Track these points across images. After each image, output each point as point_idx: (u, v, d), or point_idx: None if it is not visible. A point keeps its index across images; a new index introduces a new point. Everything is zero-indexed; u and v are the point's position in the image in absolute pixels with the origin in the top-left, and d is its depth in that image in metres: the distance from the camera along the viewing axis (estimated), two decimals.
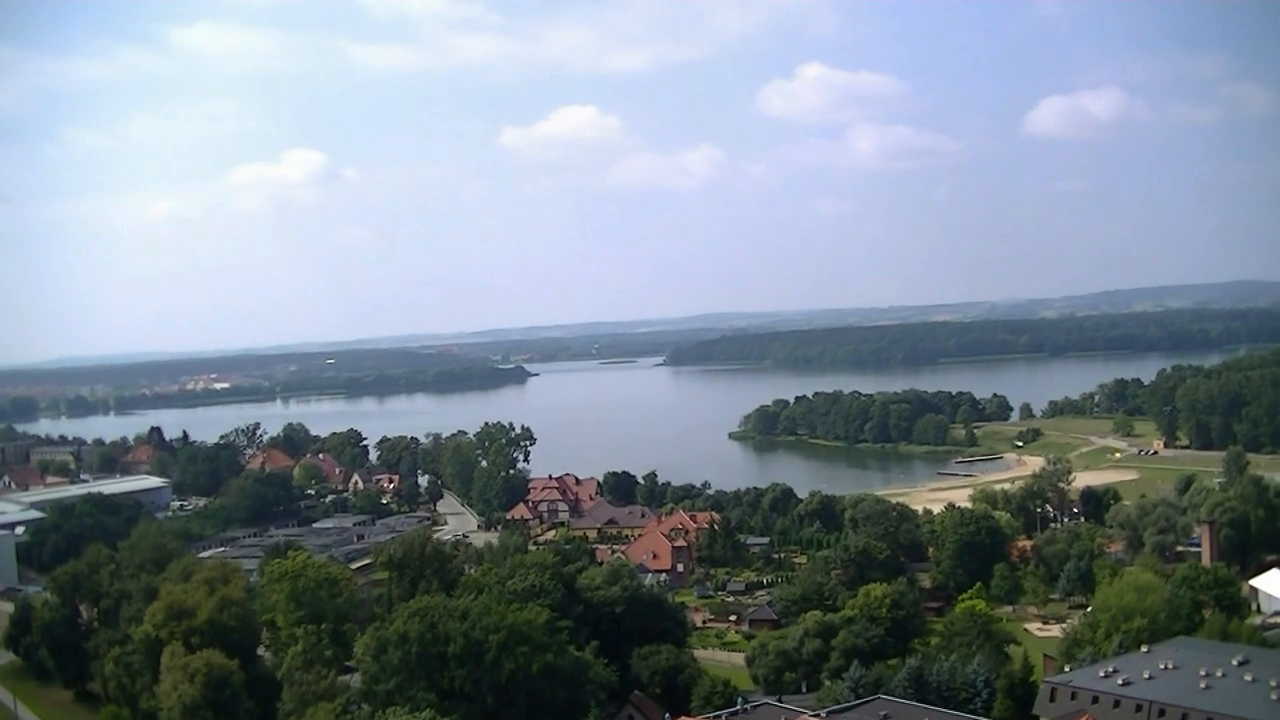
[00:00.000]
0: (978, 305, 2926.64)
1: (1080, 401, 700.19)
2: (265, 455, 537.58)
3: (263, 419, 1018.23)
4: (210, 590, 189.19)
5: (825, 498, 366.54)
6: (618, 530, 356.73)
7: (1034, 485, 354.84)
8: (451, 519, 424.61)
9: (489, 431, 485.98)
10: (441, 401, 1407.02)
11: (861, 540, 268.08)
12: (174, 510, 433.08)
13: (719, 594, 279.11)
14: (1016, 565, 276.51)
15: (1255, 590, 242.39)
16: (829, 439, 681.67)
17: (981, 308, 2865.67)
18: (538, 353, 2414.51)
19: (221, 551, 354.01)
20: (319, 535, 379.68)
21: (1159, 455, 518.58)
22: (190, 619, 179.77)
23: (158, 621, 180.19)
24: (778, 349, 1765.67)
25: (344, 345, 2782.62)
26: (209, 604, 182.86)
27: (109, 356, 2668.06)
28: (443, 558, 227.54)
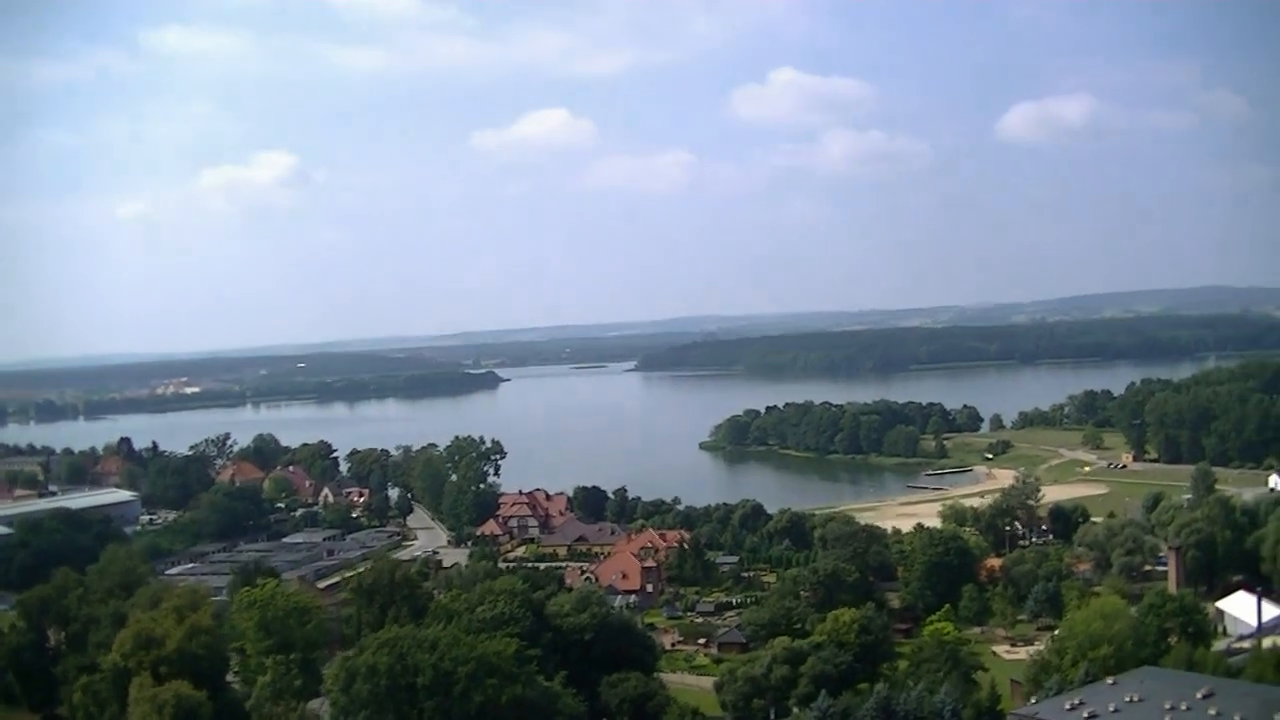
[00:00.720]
0: (949, 309, 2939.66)
1: (1050, 413, 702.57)
2: (235, 467, 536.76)
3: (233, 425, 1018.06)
4: (179, 619, 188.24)
5: (795, 515, 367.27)
6: (587, 548, 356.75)
7: (1003, 503, 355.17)
8: (422, 534, 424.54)
9: (459, 445, 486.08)
10: (412, 407, 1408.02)
11: (830, 563, 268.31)
12: (143, 525, 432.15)
13: (688, 615, 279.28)
14: (985, 586, 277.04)
15: (1221, 612, 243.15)
16: (800, 450, 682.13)
17: (952, 312, 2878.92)
18: (509, 357, 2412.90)
19: (191, 568, 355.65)
20: (289, 551, 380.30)
21: (1128, 469, 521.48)
22: (159, 648, 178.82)
23: (126, 651, 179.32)
24: (749, 355, 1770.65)
25: (315, 348, 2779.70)
26: (178, 633, 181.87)
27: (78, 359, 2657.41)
28: (412, 584, 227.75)
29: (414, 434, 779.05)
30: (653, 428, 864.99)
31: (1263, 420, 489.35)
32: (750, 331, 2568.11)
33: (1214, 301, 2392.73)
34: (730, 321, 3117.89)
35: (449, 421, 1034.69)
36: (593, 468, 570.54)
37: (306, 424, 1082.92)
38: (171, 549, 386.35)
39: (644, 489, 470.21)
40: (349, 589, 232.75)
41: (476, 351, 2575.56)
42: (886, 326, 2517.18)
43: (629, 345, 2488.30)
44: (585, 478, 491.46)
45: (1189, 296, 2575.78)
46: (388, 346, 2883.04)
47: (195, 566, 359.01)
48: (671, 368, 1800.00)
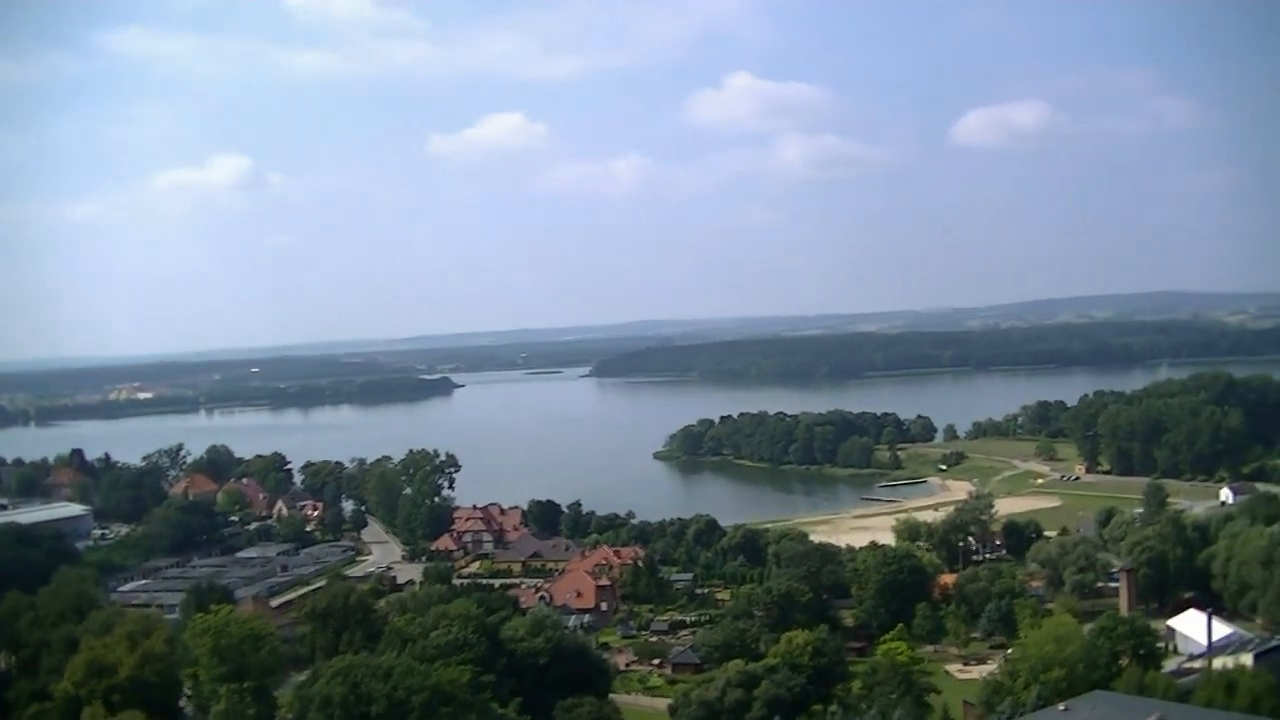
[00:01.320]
0: (904, 314, 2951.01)
1: (1004, 423, 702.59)
2: (189, 480, 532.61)
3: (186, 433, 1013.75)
4: (131, 645, 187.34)
5: (749, 531, 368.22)
6: (542, 564, 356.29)
7: (957, 519, 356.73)
8: (376, 548, 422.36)
9: (413, 458, 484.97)
10: (367, 414, 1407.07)
11: (784, 583, 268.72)
12: (95, 540, 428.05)
13: (643, 634, 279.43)
14: (939, 604, 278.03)
15: (1173, 631, 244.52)
16: (754, 460, 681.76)
17: (907, 316, 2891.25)
18: (464, 361, 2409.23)
19: (144, 585, 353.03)
20: (243, 566, 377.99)
21: (1081, 481, 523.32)
22: (111, 676, 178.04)
23: (78, 679, 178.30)
24: (704, 360, 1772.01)
25: (269, 351, 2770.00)
26: (130, 660, 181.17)
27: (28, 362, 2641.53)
28: (366, 607, 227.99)
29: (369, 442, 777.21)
30: (607, 436, 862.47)
31: (1214, 433, 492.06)
32: (706, 336, 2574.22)
33: (1167, 307, 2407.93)
34: (686, 326, 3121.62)
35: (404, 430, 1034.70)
36: (547, 479, 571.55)
37: (260, 431, 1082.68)
38: (124, 564, 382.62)
39: (599, 502, 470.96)
40: (303, 613, 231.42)
41: (432, 356, 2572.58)
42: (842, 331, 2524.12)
43: (584, 350, 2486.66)
44: (540, 490, 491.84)
45: (1142, 301, 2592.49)
46: (343, 350, 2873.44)
47: (148, 583, 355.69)
48: (627, 373, 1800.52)
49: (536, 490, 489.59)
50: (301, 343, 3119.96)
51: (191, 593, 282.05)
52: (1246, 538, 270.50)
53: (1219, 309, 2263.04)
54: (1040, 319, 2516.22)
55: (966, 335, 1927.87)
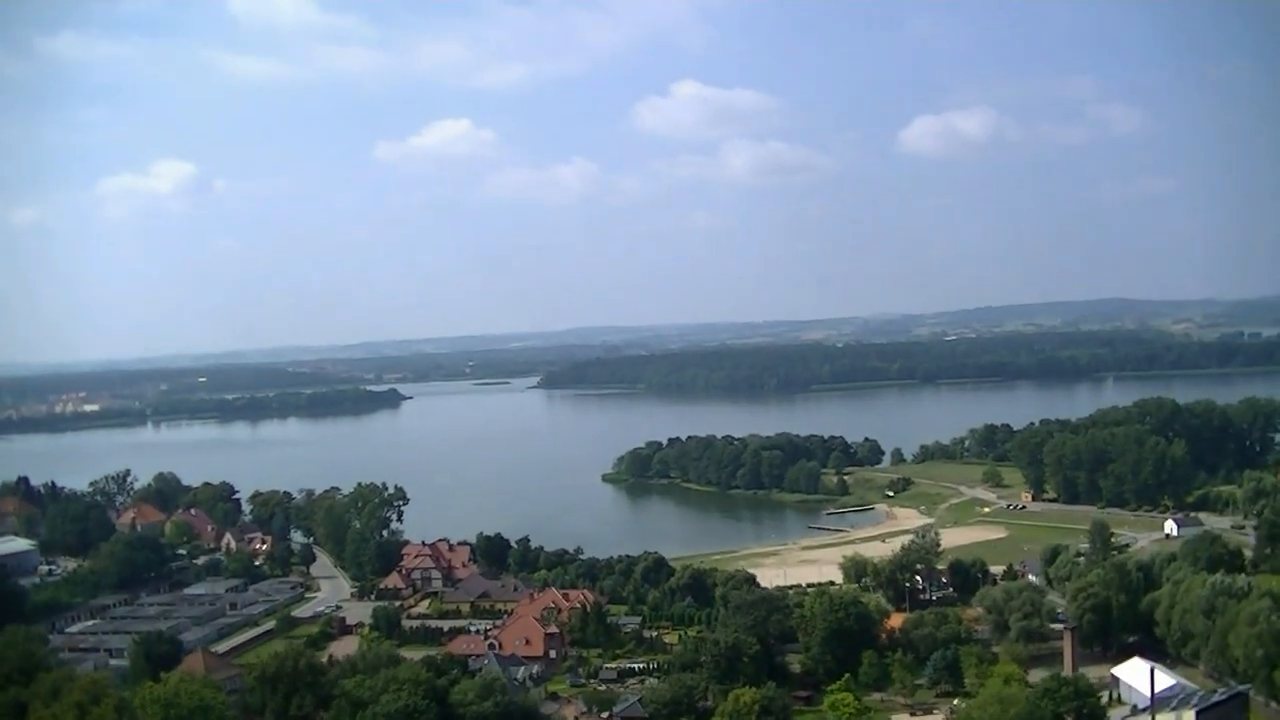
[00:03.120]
0: (851, 321, 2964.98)
1: (950, 446, 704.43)
2: (136, 510, 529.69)
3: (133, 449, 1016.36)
4: (80, 713, 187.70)
5: (697, 571, 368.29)
6: (491, 604, 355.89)
7: (904, 558, 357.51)
8: (325, 584, 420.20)
9: (361, 491, 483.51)
10: (315, 427, 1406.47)
11: (731, 634, 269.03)
12: (42, 575, 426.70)
13: (591, 682, 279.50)
14: (885, 651, 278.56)
15: (1117, 679, 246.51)
16: (702, 484, 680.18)
17: (855, 324, 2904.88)
18: (410, 371, 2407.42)
19: (91, 625, 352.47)
20: (191, 604, 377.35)
21: (1027, 509, 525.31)
22: None
23: None
24: (651, 373, 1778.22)
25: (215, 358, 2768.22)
26: None
27: None
28: (315, 671, 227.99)
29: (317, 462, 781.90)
30: (556, 456, 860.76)
31: (1158, 463, 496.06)
32: (653, 345, 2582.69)
33: (1114, 314, 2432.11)
34: (633, 333, 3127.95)
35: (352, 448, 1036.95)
36: (496, 505, 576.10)
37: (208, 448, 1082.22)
38: (71, 602, 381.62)
39: (548, 530, 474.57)
40: (253, 677, 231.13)
41: (379, 365, 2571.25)
42: (790, 339, 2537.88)
43: (532, 358, 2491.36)
44: (489, 518, 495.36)
45: (1089, 309, 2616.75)
46: (289, 358, 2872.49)
47: (96, 624, 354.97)
48: (574, 385, 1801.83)
49: (485, 518, 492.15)
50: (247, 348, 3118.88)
51: (140, 643, 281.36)
52: (1189, 585, 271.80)
53: (1164, 316, 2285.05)
54: (988, 326, 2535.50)
55: (914, 347, 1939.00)
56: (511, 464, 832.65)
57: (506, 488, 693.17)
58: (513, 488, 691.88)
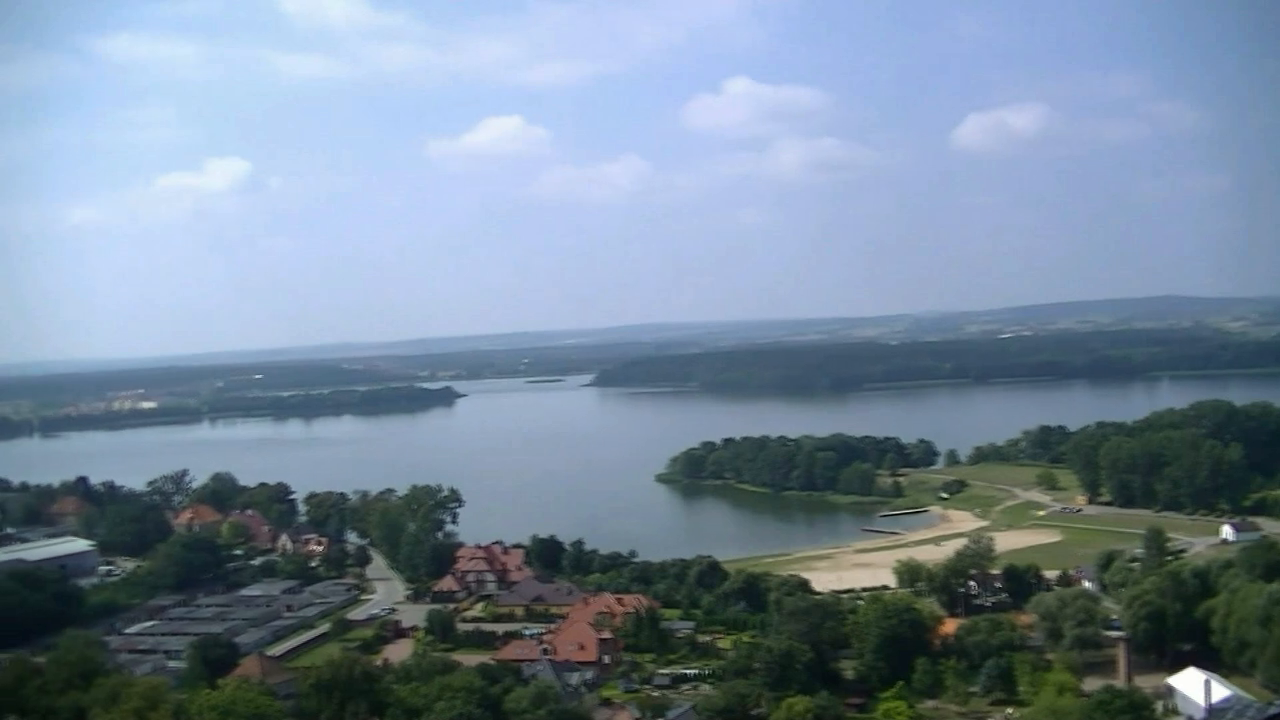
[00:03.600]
0: (903, 318, 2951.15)
1: (1005, 448, 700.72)
2: (193, 511, 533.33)
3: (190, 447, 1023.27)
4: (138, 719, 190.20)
5: (750, 576, 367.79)
6: (545, 608, 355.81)
7: (957, 563, 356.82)
8: (380, 585, 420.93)
9: (416, 494, 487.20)
10: (368, 425, 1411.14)
11: (784, 642, 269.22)
12: (101, 576, 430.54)
13: (645, 688, 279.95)
14: (938, 658, 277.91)
15: (1171, 689, 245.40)
16: (756, 484, 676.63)
17: (907, 321, 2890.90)
18: (465, 367, 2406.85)
19: (149, 627, 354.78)
20: (247, 605, 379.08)
21: (1082, 512, 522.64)
22: None
23: None
24: (704, 371, 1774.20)
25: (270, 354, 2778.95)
26: None
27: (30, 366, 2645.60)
28: (370, 679, 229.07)
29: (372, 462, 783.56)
30: (609, 456, 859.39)
31: (1214, 467, 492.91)
32: (706, 342, 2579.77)
33: (1167, 312, 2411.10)
34: (686, 329, 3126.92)
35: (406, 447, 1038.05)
36: (551, 506, 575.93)
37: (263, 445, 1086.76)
38: (129, 603, 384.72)
39: (602, 531, 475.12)
40: (308, 684, 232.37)
41: (433, 361, 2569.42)
42: (842, 336, 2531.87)
43: (585, 355, 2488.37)
44: (543, 519, 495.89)
45: (1142, 306, 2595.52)
46: (343, 354, 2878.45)
47: (154, 625, 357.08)
48: (628, 383, 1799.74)
49: (540, 519, 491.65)
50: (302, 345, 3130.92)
51: (197, 646, 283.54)
52: (1245, 594, 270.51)
53: (1220, 314, 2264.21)
54: (1041, 324, 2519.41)
55: (966, 345, 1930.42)
56: (566, 464, 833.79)
57: (561, 488, 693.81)
58: (567, 488, 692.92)
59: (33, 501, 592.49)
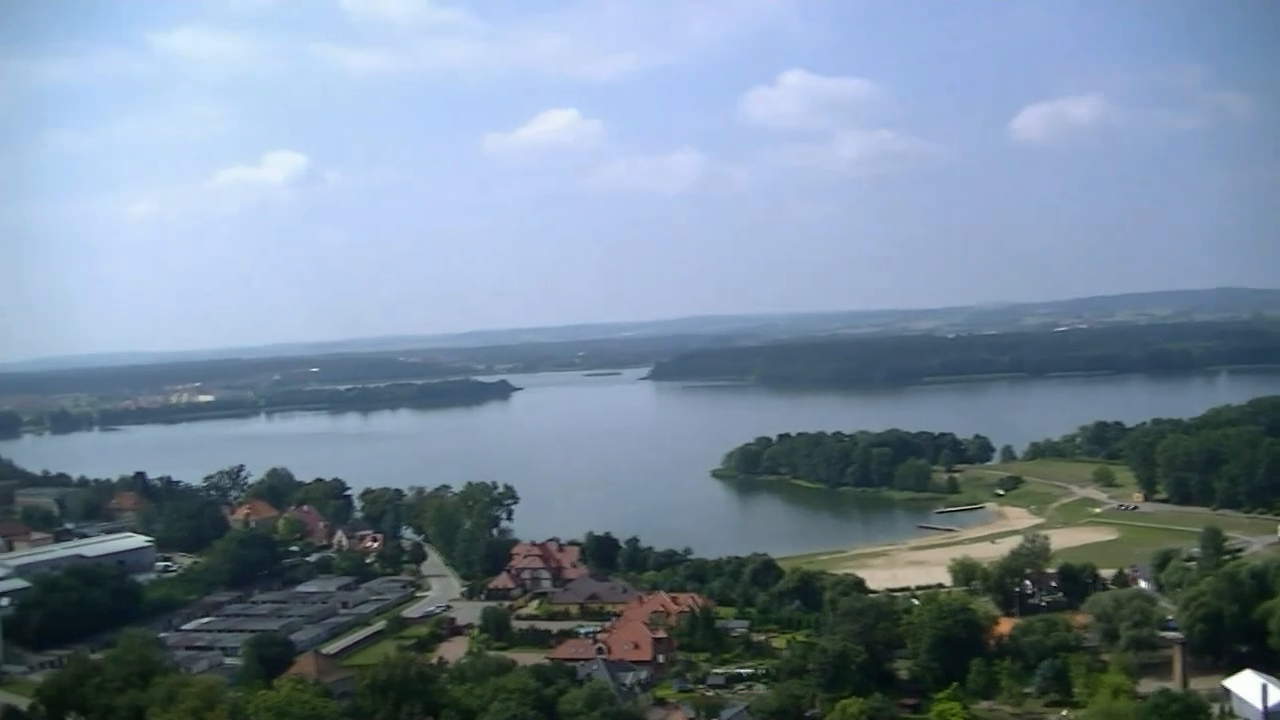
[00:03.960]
0: (961, 310, 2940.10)
1: (1061, 443, 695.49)
2: (250, 507, 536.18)
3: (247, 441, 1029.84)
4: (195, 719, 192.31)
5: (805, 575, 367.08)
6: (599, 606, 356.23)
7: (1013, 563, 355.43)
8: (435, 582, 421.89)
9: (471, 490, 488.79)
10: (424, 419, 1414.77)
11: (838, 643, 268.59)
12: (158, 572, 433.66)
13: (699, 687, 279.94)
14: (993, 658, 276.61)
15: (1228, 691, 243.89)
16: (811, 480, 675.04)
17: (965, 313, 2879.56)
18: (521, 360, 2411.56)
19: (206, 623, 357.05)
20: (303, 602, 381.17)
21: (1138, 510, 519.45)
22: None
23: None
24: (761, 364, 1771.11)
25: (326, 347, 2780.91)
26: None
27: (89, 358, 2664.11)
28: (425, 679, 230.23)
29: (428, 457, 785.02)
30: (666, 451, 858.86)
31: (1272, 465, 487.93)
32: (763, 334, 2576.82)
33: (1226, 303, 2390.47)
34: (743, 321, 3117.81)
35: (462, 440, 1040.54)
36: (606, 502, 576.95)
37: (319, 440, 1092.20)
38: (186, 599, 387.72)
39: (657, 527, 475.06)
40: (364, 685, 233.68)
41: (489, 354, 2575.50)
42: (898, 329, 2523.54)
43: (642, 348, 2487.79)
44: (598, 514, 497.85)
45: (1202, 299, 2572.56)
46: (400, 347, 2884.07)
47: (211, 621, 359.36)
48: (684, 377, 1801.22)
49: (595, 516, 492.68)
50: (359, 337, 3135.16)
51: (253, 645, 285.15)
52: None
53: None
54: (1098, 316, 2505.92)
55: (1023, 338, 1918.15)
56: (622, 458, 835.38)
57: (616, 484, 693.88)
58: (623, 484, 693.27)
59: (92, 496, 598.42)
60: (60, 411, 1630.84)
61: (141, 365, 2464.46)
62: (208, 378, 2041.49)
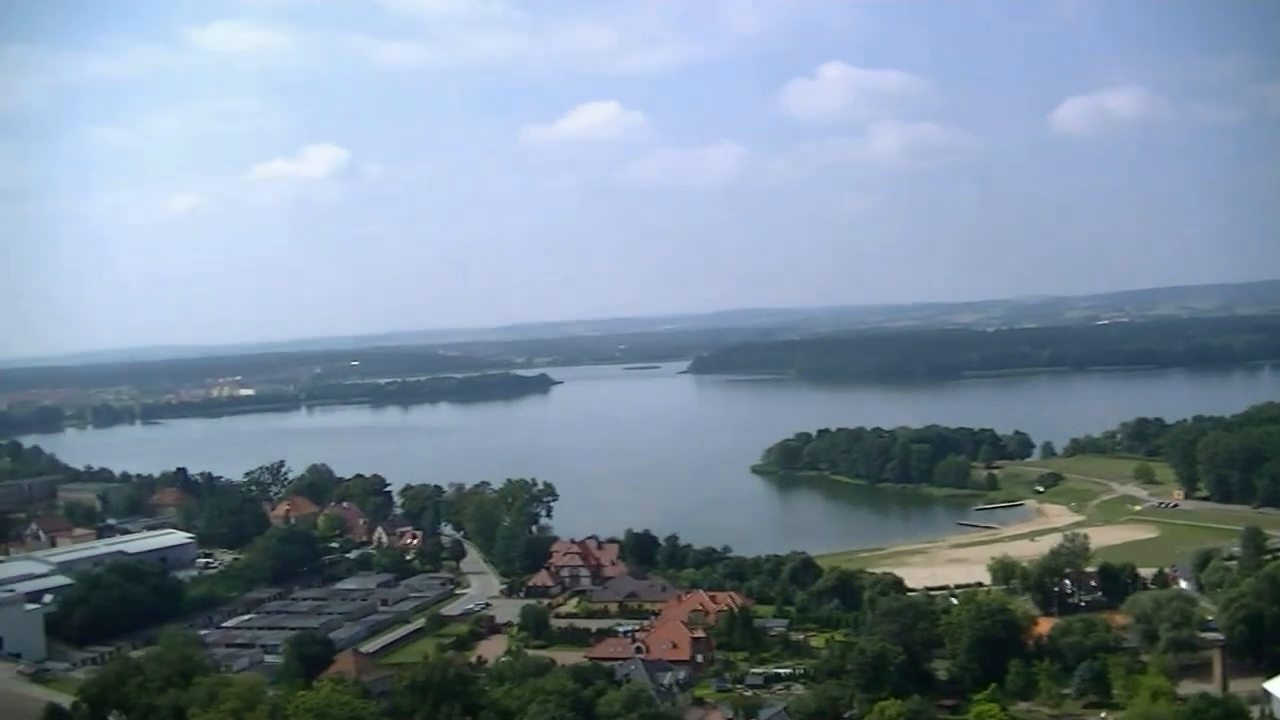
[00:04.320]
0: (1001, 304, 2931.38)
1: (1101, 440, 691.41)
2: (290, 504, 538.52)
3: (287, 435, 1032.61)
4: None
5: (844, 574, 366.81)
6: (638, 604, 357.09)
7: (1052, 562, 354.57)
8: (474, 579, 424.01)
9: (511, 487, 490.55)
10: (464, 413, 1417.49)
11: (876, 644, 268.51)
12: (199, 569, 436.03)
13: (738, 687, 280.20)
14: (1032, 659, 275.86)
15: (1268, 694, 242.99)
16: (851, 476, 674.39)
17: (1005, 306, 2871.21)
18: (561, 354, 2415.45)
19: (247, 620, 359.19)
20: (342, 599, 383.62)
21: (1179, 508, 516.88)
22: None
23: None
24: (801, 358, 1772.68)
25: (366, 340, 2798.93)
26: None
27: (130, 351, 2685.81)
28: (464, 680, 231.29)
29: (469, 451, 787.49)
30: (705, 446, 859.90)
31: None
32: (803, 328, 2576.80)
33: (1269, 296, 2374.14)
34: (783, 315, 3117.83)
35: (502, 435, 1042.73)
36: (645, 499, 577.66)
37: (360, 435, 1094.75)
38: (227, 596, 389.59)
39: (696, 523, 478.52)
40: (402, 685, 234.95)
41: (529, 348, 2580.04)
42: (939, 322, 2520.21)
43: (682, 341, 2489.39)
44: (638, 510, 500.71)
45: (1243, 292, 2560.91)
46: (440, 340, 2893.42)
47: (252, 618, 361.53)
48: (724, 370, 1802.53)
49: (634, 512, 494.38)
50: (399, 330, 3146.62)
51: (293, 644, 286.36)
52: None
53: None
54: (1140, 310, 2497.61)
55: (1064, 332, 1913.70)
56: (661, 453, 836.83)
57: (656, 479, 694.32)
58: (662, 479, 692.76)
59: (133, 492, 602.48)
60: (102, 405, 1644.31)
61: (182, 359, 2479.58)
62: (248, 371, 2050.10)
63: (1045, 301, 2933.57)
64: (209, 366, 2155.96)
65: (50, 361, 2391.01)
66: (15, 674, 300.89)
